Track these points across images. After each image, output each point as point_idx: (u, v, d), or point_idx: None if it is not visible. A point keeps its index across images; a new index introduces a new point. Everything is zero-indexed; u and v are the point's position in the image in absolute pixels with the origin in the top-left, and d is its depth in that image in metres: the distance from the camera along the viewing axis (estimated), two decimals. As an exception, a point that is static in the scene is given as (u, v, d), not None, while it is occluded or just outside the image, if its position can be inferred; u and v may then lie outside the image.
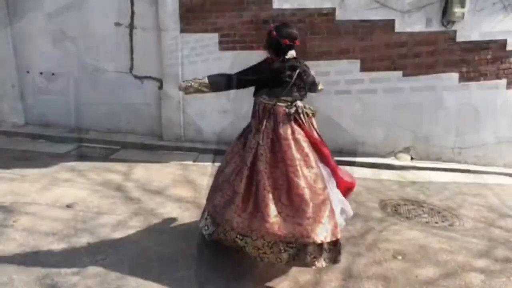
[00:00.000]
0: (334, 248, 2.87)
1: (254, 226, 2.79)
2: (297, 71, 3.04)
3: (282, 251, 2.76)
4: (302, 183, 2.84)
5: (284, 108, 3.02)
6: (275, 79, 3.04)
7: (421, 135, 6.27)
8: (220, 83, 3.19)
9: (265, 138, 2.99)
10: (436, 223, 4.18)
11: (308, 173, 2.91)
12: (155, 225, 3.63)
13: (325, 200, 2.86)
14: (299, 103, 3.08)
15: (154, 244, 3.30)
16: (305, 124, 3.06)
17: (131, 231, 3.48)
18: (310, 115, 3.17)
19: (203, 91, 3.17)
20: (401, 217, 4.23)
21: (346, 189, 3.25)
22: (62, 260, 2.99)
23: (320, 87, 3.52)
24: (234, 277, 2.94)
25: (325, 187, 2.91)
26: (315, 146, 3.06)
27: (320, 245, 2.79)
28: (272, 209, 2.80)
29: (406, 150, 6.29)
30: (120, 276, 2.85)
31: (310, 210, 2.78)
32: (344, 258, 3.27)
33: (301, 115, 3.06)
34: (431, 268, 3.25)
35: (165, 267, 3.01)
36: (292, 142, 2.96)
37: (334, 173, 3.13)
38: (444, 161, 6.38)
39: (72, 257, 3.04)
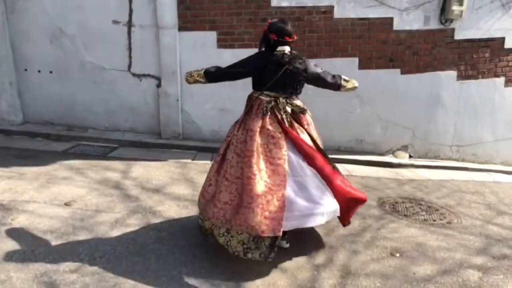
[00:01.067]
0: (270, 245, 2.92)
1: (208, 210, 3.03)
2: (284, 68, 3.05)
3: (221, 235, 2.97)
4: (253, 175, 2.88)
5: (264, 102, 3.10)
6: (260, 73, 3.11)
7: (419, 133, 6.29)
8: (214, 74, 3.33)
9: (241, 129, 3.09)
10: (434, 220, 4.19)
11: (265, 167, 2.94)
12: (153, 223, 3.62)
13: (273, 196, 2.87)
14: (281, 99, 3.11)
15: (152, 242, 3.30)
16: (285, 121, 3.08)
17: (129, 229, 3.48)
18: (298, 113, 3.17)
19: (200, 81, 3.37)
20: (399, 215, 4.24)
21: (348, 200, 3.15)
22: (60, 258, 2.99)
23: (349, 84, 3.34)
24: (232, 273, 2.94)
25: (279, 185, 2.91)
26: (299, 146, 3.06)
27: (258, 237, 2.88)
28: (223, 196, 2.97)
29: (404, 148, 6.31)
30: (118, 274, 2.85)
31: (254, 203, 2.83)
32: (342, 255, 3.30)
33: (281, 111, 3.09)
34: (428, 265, 3.26)
35: (163, 264, 3.01)
36: (256, 135, 3.00)
37: (328, 180, 3.07)
38: (442, 159, 6.41)
39: (70, 255, 3.03)
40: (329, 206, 3.04)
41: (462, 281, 3.06)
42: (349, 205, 3.19)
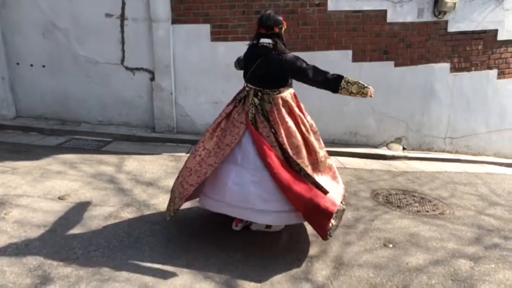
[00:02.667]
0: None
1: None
2: (258, 61, 3.08)
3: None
4: (195, 151, 3.19)
5: (242, 92, 3.27)
6: (245, 65, 3.24)
7: (412, 125, 6.32)
8: (237, 62, 3.73)
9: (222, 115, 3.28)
10: (427, 211, 4.22)
11: (209, 148, 3.14)
12: (147, 216, 3.63)
13: (197, 171, 3.10)
14: (252, 91, 3.16)
15: (147, 235, 3.31)
16: (248, 113, 3.13)
17: (123, 222, 3.48)
18: (266, 109, 3.13)
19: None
20: (392, 206, 4.28)
21: (310, 209, 2.96)
22: (54, 252, 2.99)
23: (352, 88, 3.02)
24: (226, 265, 2.96)
25: (210, 165, 3.06)
26: (255, 141, 3.06)
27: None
28: (183, 173, 3.22)
29: (398, 140, 6.34)
30: (112, 267, 2.86)
31: (180, 173, 3.25)
32: (335, 247, 3.32)
33: (249, 104, 3.15)
34: (421, 255, 3.29)
35: (157, 257, 3.02)
36: (221, 119, 3.21)
37: (283, 185, 2.95)
38: (435, 151, 6.45)
39: (64, 249, 3.03)
40: (279, 207, 3.01)
41: (454, 270, 3.10)
42: (314, 214, 2.98)
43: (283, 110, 3.15)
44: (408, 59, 6.07)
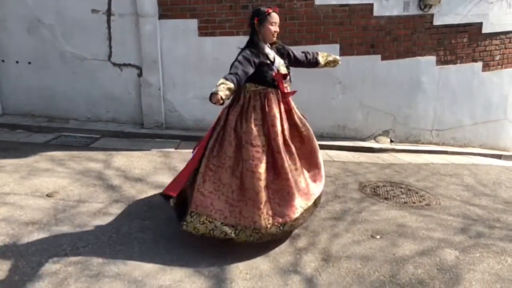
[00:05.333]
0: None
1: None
2: None
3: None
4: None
5: None
6: None
7: (400, 118, 6.39)
8: None
9: None
10: (414, 203, 4.29)
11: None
12: (136, 212, 3.63)
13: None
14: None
15: (136, 231, 3.31)
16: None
17: (112, 218, 3.48)
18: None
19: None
20: (380, 198, 4.33)
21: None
22: (42, 249, 2.99)
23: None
24: (216, 259, 2.98)
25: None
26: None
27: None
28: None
29: (386, 133, 6.40)
30: (101, 262, 2.86)
31: None
32: (323, 239, 3.36)
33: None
34: (408, 246, 3.34)
35: (147, 252, 3.03)
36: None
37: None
38: (422, 143, 6.53)
39: (53, 246, 3.03)
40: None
41: (439, 260, 3.16)
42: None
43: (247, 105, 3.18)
44: (394, 53, 6.12)
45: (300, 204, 3.13)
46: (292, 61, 3.41)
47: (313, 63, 3.54)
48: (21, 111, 6.43)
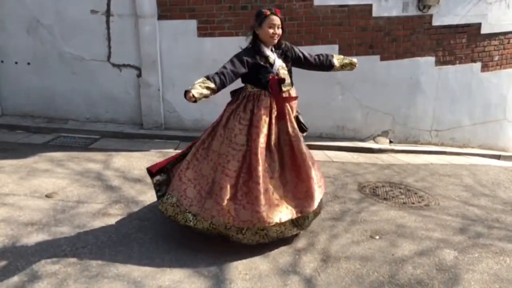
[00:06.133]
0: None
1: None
2: None
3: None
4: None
5: None
6: None
7: (399, 118, 6.39)
8: None
9: None
10: (413, 203, 4.29)
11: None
12: (135, 212, 3.63)
13: None
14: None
15: (135, 231, 3.31)
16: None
17: (112, 219, 3.48)
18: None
19: None
20: (379, 199, 4.33)
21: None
22: (41, 249, 2.99)
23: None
24: (215, 259, 2.99)
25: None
26: None
27: None
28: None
29: (385, 133, 6.41)
30: (100, 263, 2.87)
31: None
32: (322, 239, 3.36)
33: None
34: (407, 246, 3.34)
35: (146, 252, 3.03)
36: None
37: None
38: (421, 143, 6.53)
39: (52, 247, 3.03)
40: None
41: (438, 260, 3.16)
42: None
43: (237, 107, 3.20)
44: (393, 53, 6.12)
45: (268, 214, 2.98)
46: (302, 64, 3.35)
47: (327, 65, 3.42)
48: (20, 111, 6.43)
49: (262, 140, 3.07)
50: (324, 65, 3.40)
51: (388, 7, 5.93)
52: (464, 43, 6.37)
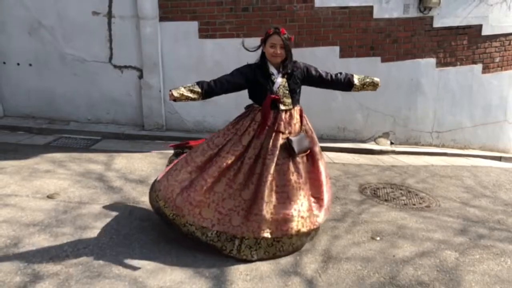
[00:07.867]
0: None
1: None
2: None
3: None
4: None
5: None
6: None
7: (400, 120, 6.39)
8: None
9: None
10: (414, 204, 4.29)
11: None
12: (137, 213, 3.64)
13: None
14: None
15: (136, 232, 3.32)
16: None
17: (113, 220, 3.49)
18: None
19: None
20: (380, 200, 4.34)
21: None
22: (43, 250, 2.99)
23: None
24: (216, 260, 2.99)
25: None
26: None
27: None
28: None
29: (386, 135, 6.41)
30: (102, 264, 2.87)
31: None
32: (324, 240, 3.37)
33: None
34: (408, 247, 3.35)
35: (147, 253, 3.04)
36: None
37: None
38: (422, 145, 6.53)
39: (54, 247, 3.04)
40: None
41: (439, 261, 3.16)
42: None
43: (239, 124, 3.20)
44: (394, 55, 6.13)
45: (241, 222, 2.97)
46: (317, 82, 3.24)
47: (345, 84, 3.24)
48: (22, 113, 6.45)
49: (236, 145, 3.07)
50: (342, 83, 3.24)
51: (389, 9, 5.94)
52: (465, 45, 6.37)
